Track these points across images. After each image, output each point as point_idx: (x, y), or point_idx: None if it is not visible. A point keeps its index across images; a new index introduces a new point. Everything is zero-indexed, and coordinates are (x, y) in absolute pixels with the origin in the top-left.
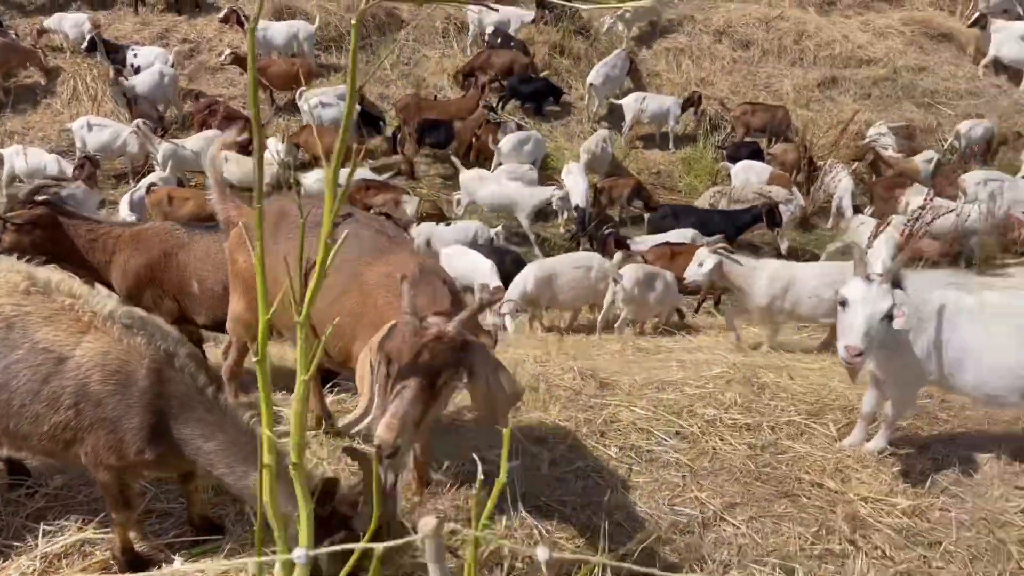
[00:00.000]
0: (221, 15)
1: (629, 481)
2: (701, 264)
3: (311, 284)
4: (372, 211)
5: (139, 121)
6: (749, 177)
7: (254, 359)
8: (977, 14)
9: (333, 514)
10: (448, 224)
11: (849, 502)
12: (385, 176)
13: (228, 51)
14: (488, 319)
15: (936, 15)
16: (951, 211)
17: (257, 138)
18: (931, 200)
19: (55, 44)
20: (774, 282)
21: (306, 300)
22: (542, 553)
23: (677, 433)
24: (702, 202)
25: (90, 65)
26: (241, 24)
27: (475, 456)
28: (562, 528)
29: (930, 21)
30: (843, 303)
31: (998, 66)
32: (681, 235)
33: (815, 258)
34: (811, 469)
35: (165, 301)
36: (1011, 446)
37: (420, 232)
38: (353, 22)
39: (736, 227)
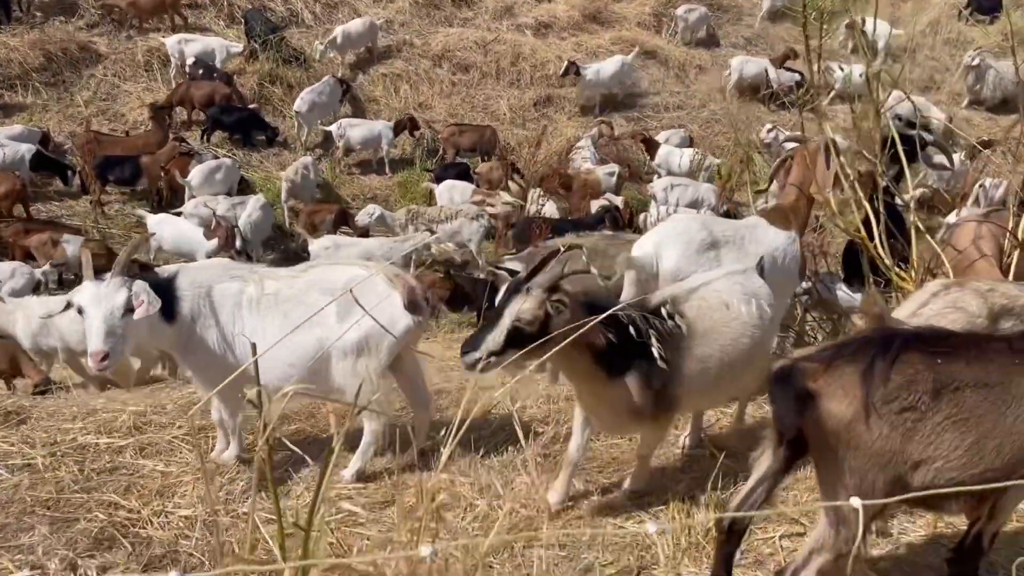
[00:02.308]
0: None
1: None
2: None
3: None
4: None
5: None
6: (453, 196)
7: None
8: (567, 63)
9: None
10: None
11: None
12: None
13: None
14: None
15: (642, 34)
16: None
17: None
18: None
19: None
20: None
21: None
22: None
23: None
24: (399, 218)
25: None
26: None
27: None
28: None
29: (637, 40)
30: (80, 311)
31: None
32: None
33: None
34: None
35: None
36: None
37: None
38: None
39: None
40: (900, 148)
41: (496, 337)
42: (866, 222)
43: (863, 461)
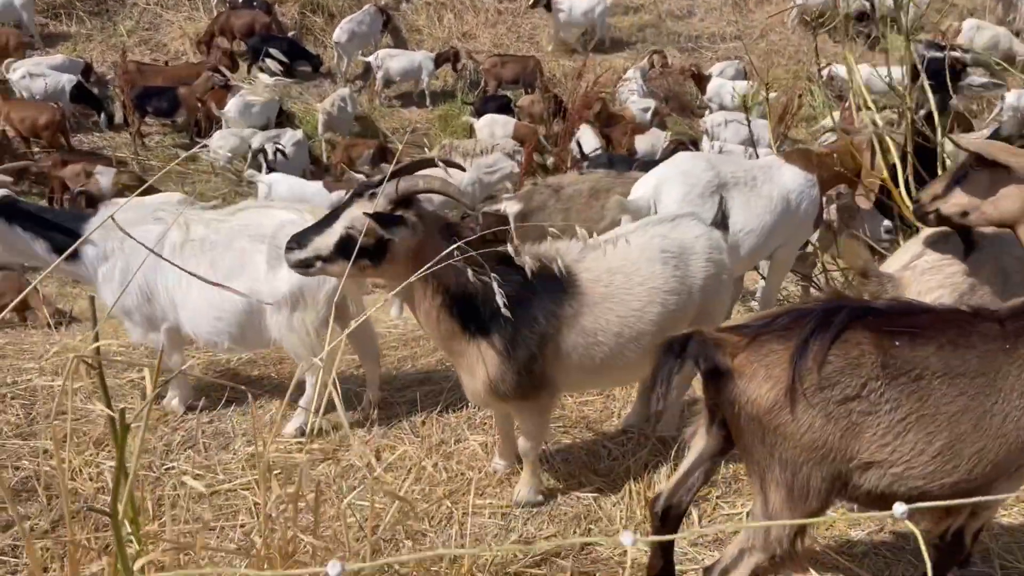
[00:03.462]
0: None
1: None
2: None
3: None
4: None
5: None
6: (494, 130)
7: None
8: None
9: None
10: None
11: None
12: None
13: None
14: None
15: None
16: None
17: None
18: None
19: None
20: None
21: None
22: None
23: None
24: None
25: None
26: None
27: None
28: None
29: None
30: None
31: None
32: None
33: None
34: None
35: None
36: None
37: None
38: None
39: None
40: (924, 76)
41: (326, 240)
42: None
43: (794, 453)
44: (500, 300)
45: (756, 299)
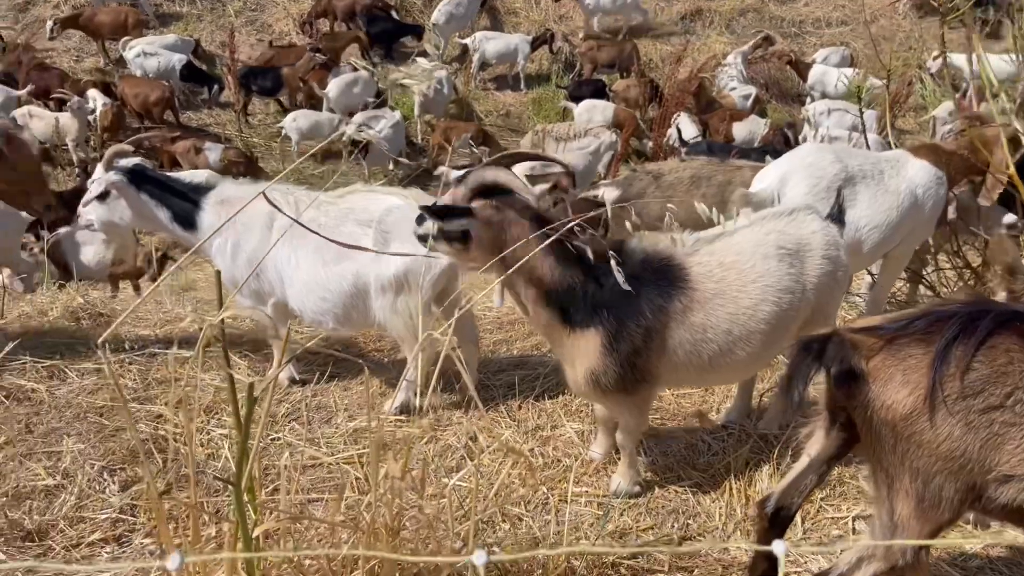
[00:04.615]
0: None
1: None
2: None
3: None
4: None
5: None
6: (593, 116)
7: None
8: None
9: None
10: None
11: None
12: None
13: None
14: None
15: None
16: None
17: None
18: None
19: None
20: None
21: None
22: None
23: None
24: (525, 143)
25: None
26: None
27: None
28: None
29: None
30: None
31: None
32: None
33: None
34: None
35: None
36: None
37: None
38: None
39: None
40: None
41: (435, 222)
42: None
43: (928, 463)
44: (620, 278)
45: (858, 297)
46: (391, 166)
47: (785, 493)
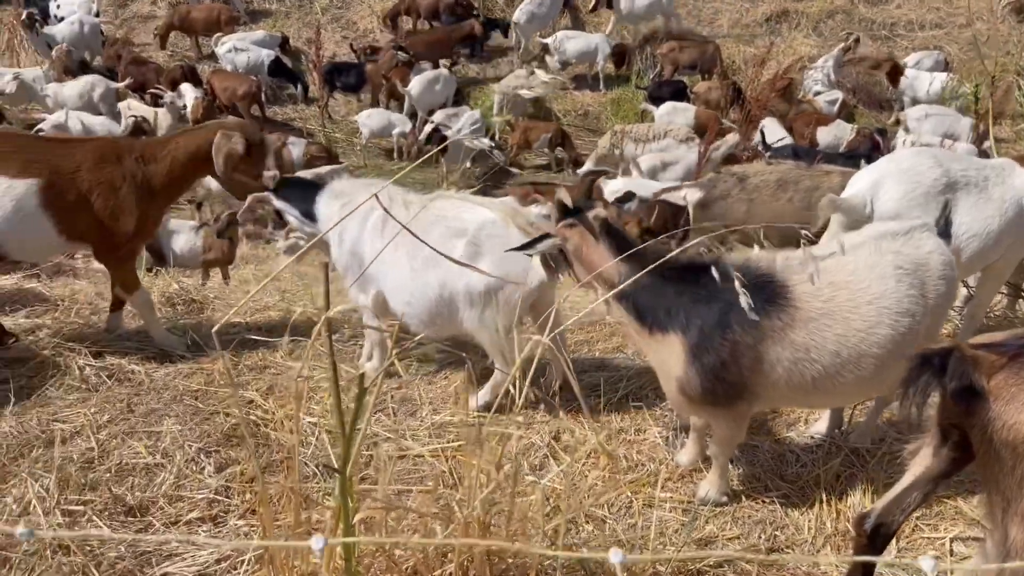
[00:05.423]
0: None
1: None
2: None
3: None
4: None
5: (17, 73)
6: (674, 119)
7: None
8: None
9: None
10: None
11: None
12: None
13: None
14: None
15: None
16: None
17: None
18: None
19: None
20: None
21: None
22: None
23: None
24: (603, 143)
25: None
26: None
27: None
28: None
29: None
30: None
31: None
32: None
33: None
34: None
35: None
36: None
37: None
38: None
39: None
40: None
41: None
42: None
43: None
44: (744, 302)
45: (952, 311)
46: (468, 163)
47: (887, 510)
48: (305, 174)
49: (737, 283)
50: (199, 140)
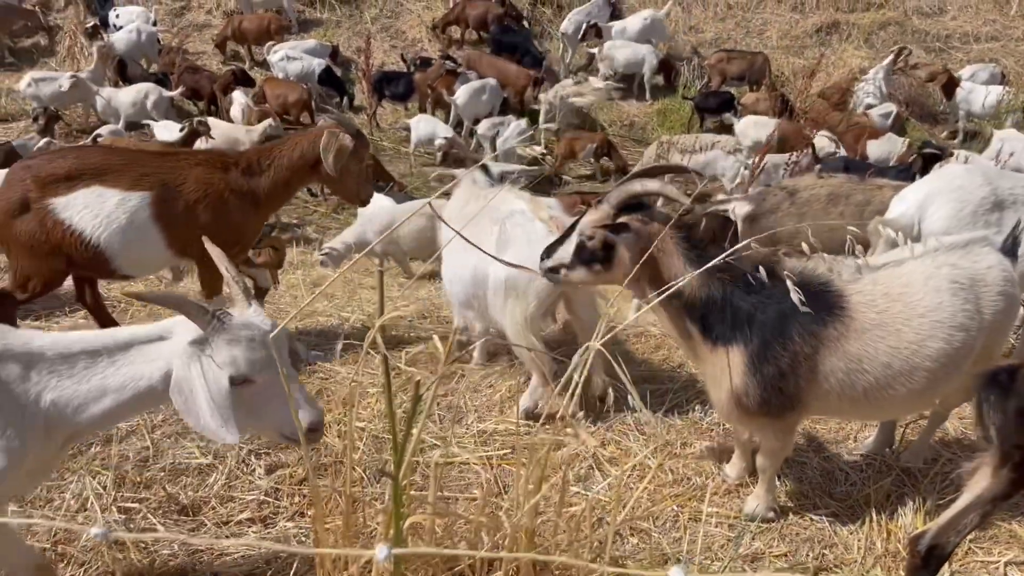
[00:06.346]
0: None
1: None
2: None
3: None
4: None
5: (74, 74)
6: (755, 132)
7: None
8: (584, 27)
9: None
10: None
11: None
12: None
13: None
14: None
15: None
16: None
17: None
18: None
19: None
20: None
21: None
22: None
23: None
24: (649, 153)
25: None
26: None
27: None
28: None
29: None
30: None
31: None
32: None
33: None
34: None
35: None
36: None
37: None
38: None
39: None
40: None
41: (567, 248)
42: None
43: None
44: (796, 298)
45: None
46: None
47: (942, 531)
48: None
49: (789, 281)
50: (303, 147)
